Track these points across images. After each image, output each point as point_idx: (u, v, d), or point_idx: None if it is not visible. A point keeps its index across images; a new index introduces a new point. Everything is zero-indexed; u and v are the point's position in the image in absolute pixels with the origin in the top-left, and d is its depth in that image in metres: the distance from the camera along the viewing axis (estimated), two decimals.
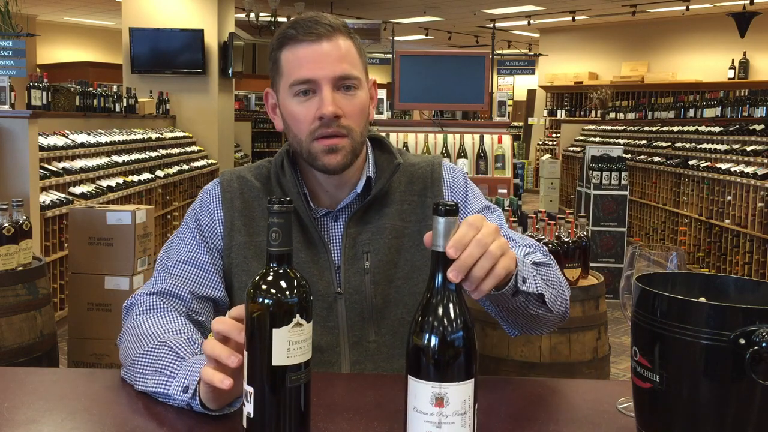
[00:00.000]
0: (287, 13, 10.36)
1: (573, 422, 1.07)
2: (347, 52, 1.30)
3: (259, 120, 12.58)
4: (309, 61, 1.27)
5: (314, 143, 1.29)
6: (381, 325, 1.33)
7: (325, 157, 1.28)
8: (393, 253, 1.35)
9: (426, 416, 0.87)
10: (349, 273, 1.33)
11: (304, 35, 1.28)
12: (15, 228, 2.84)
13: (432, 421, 0.87)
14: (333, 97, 1.27)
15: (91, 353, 3.45)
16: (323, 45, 1.28)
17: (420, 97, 4.91)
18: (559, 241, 2.82)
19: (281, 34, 1.32)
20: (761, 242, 5.56)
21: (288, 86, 1.29)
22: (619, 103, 10.76)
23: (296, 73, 1.28)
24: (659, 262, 1.11)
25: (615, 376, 4.03)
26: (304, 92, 1.28)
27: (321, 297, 1.32)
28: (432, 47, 15.62)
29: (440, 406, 0.86)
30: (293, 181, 1.35)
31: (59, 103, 5.98)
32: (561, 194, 10.57)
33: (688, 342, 0.84)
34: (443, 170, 1.43)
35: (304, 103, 1.29)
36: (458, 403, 0.87)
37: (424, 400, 0.87)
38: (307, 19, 1.29)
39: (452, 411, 0.87)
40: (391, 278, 1.34)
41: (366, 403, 1.11)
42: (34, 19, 12.67)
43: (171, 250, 1.37)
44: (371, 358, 1.33)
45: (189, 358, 1.09)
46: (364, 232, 1.35)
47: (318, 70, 1.27)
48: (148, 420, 1.05)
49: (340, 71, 1.27)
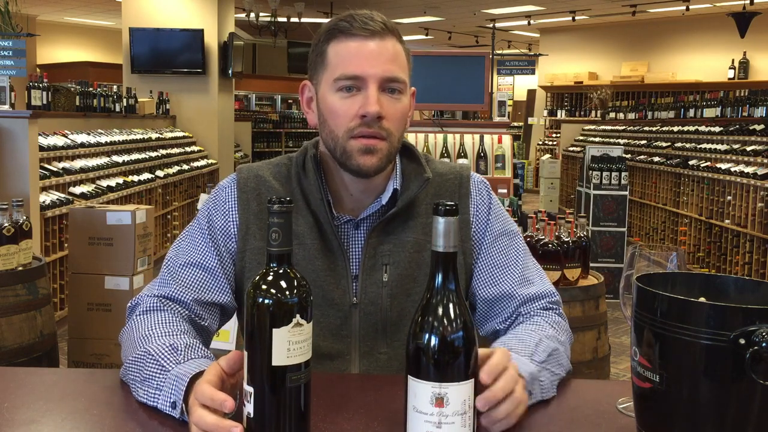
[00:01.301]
0: (287, 13, 10.36)
1: (573, 422, 1.07)
2: (398, 55, 1.27)
3: (259, 120, 12.59)
4: (359, 57, 1.24)
5: (351, 141, 1.24)
6: (394, 338, 1.31)
7: (360, 157, 1.24)
8: (413, 268, 1.32)
9: (426, 416, 0.87)
10: (367, 284, 1.30)
11: (359, 30, 1.24)
12: (15, 228, 2.84)
13: (432, 421, 0.86)
14: (378, 97, 1.23)
15: (91, 353, 3.45)
16: (376, 43, 1.24)
17: (420, 97, 4.89)
18: (559, 241, 2.82)
19: (333, 25, 1.27)
20: (761, 242, 5.56)
21: (332, 80, 1.25)
22: (619, 103, 10.76)
23: (344, 68, 1.24)
24: (659, 262, 1.11)
25: (615, 376, 4.02)
26: (348, 88, 1.24)
27: (335, 306, 1.29)
28: (432, 47, 15.61)
29: (440, 406, 0.86)
30: (317, 186, 1.30)
31: (59, 103, 5.98)
32: (561, 194, 10.57)
33: (688, 342, 0.84)
34: (471, 185, 1.39)
35: (347, 99, 1.24)
36: (458, 403, 0.87)
37: (424, 400, 0.87)
38: (363, 15, 1.26)
39: (452, 411, 0.87)
40: (408, 292, 1.31)
41: (366, 403, 1.11)
42: (34, 19, 12.67)
43: (180, 250, 1.33)
44: (381, 369, 1.31)
45: (172, 369, 1.06)
46: (385, 243, 1.31)
47: (368, 68, 1.23)
48: (148, 420, 1.04)
49: (389, 72, 1.24)
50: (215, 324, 1.32)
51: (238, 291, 1.34)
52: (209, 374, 0.97)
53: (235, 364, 0.96)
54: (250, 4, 9.65)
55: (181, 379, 1.03)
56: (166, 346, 1.12)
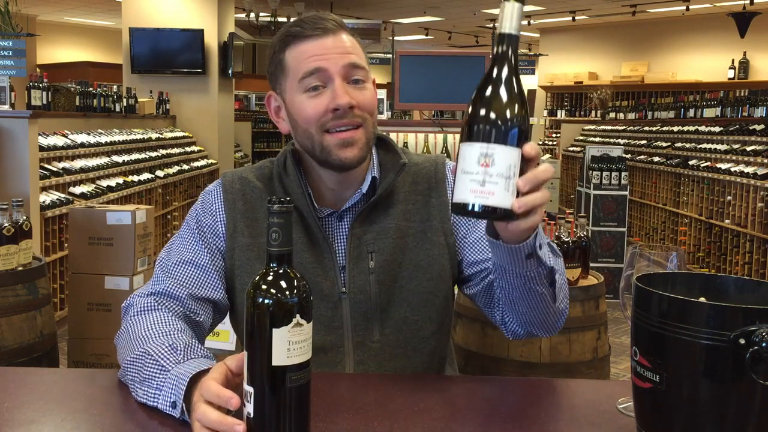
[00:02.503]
0: (287, 13, 10.36)
1: (573, 422, 1.07)
2: (353, 46, 1.30)
3: (259, 120, 12.59)
4: (317, 54, 1.26)
5: (327, 137, 1.27)
6: (385, 324, 1.33)
7: (340, 150, 1.27)
8: (398, 253, 1.34)
9: (472, 175, 0.88)
10: (354, 273, 1.32)
11: (311, 30, 1.27)
12: (15, 228, 2.84)
13: (477, 180, 0.87)
14: (345, 88, 1.26)
15: (91, 353, 3.45)
16: (330, 38, 1.28)
17: (420, 97, 4.90)
18: (559, 241, 2.82)
19: (285, 33, 1.31)
20: (761, 242, 5.56)
21: (297, 82, 1.28)
22: (619, 103, 10.75)
23: (304, 67, 1.26)
24: (659, 262, 1.11)
25: (615, 376, 4.03)
26: (314, 87, 1.27)
27: (325, 297, 1.31)
28: (432, 47, 15.61)
29: (486, 165, 0.87)
30: (297, 181, 1.34)
31: (59, 103, 5.98)
32: (561, 194, 10.56)
33: (688, 342, 0.84)
34: (447, 170, 1.42)
35: (315, 98, 1.27)
36: (503, 166, 0.87)
37: (472, 160, 0.88)
38: (311, 17, 1.29)
39: (497, 172, 0.87)
40: (395, 278, 1.34)
41: (366, 402, 1.11)
42: (34, 19, 12.67)
43: (171, 251, 1.36)
44: (375, 357, 1.33)
45: (172, 369, 1.07)
46: (369, 232, 1.34)
47: (328, 60, 1.26)
48: (148, 420, 1.05)
49: (349, 60, 1.27)
50: (209, 320, 1.34)
51: (229, 289, 1.37)
52: (215, 372, 0.97)
53: (242, 364, 0.96)
54: (250, 4, 9.65)
55: (182, 379, 1.03)
56: (165, 346, 1.12)
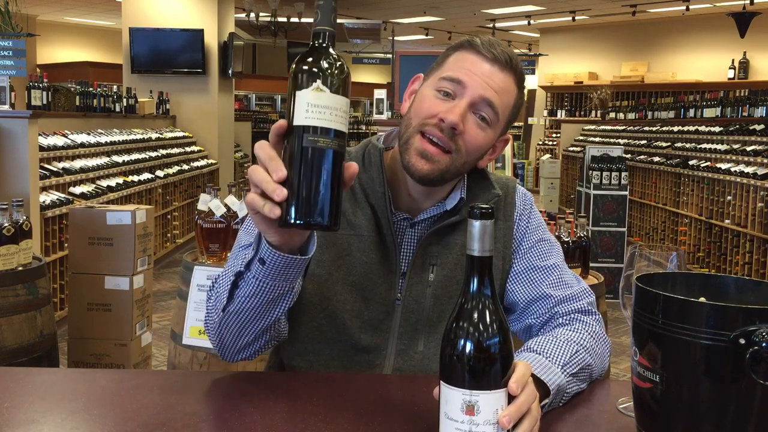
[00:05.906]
0: (287, 13, 10.35)
1: (573, 422, 1.07)
2: (505, 90, 1.28)
3: (259, 120, 12.59)
4: (470, 70, 1.26)
5: (417, 137, 1.26)
6: (431, 338, 1.33)
7: (415, 156, 1.25)
8: (458, 270, 1.34)
9: (457, 424, 0.84)
10: (413, 282, 1.32)
11: (484, 50, 1.27)
12: (15, 228, 2.84)
13: (463, 429, 0.84)
14: (465, 112, 1.25)
15: (91, 353, 3.45)
16: (491, 67, 1.27)
17: None
18: (559, 241, 2.82)
19: (466, 39, 1.31)
20: (761, 242, 5.56)
21: (438, 78, 1.28)
22: (619, 103, 10.75)
23: (452, 71, 1.27)
24: (659, 262, 1.11)
25: (615, 376, 4.02)
26: (446, 93, 1.26)
27: (381, 300, 1.31)
28: (432, 47, 15.61)
29: (471, 414, 0.84)
30: (379, 181, 1.32)
31: (59, 103, 5.98)
32: (561, 194, 10.56)
33: (688, 342, 0.84)
34: (516, 196, 1.42)
35: (438, 100, 1.26)
36: (490, 412, 0.84)
37: (455, 407, 0.84)
38: (494, 41, 1.30)
39: (483, 420, 0.84)
40: (451, 294, 1.33)
41: (366, 403, 1.11)
42: (34, 19, 12.67)
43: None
44: (414, 368, 1.32)
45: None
46: (435, 244, 1.34)
47: (471, 80, 1.25)
48: (148, 420, 1.04)
49: (487, 94, 1.25)
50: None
51: None
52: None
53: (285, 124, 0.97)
54: (250, 4, 9.65)
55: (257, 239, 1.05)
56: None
